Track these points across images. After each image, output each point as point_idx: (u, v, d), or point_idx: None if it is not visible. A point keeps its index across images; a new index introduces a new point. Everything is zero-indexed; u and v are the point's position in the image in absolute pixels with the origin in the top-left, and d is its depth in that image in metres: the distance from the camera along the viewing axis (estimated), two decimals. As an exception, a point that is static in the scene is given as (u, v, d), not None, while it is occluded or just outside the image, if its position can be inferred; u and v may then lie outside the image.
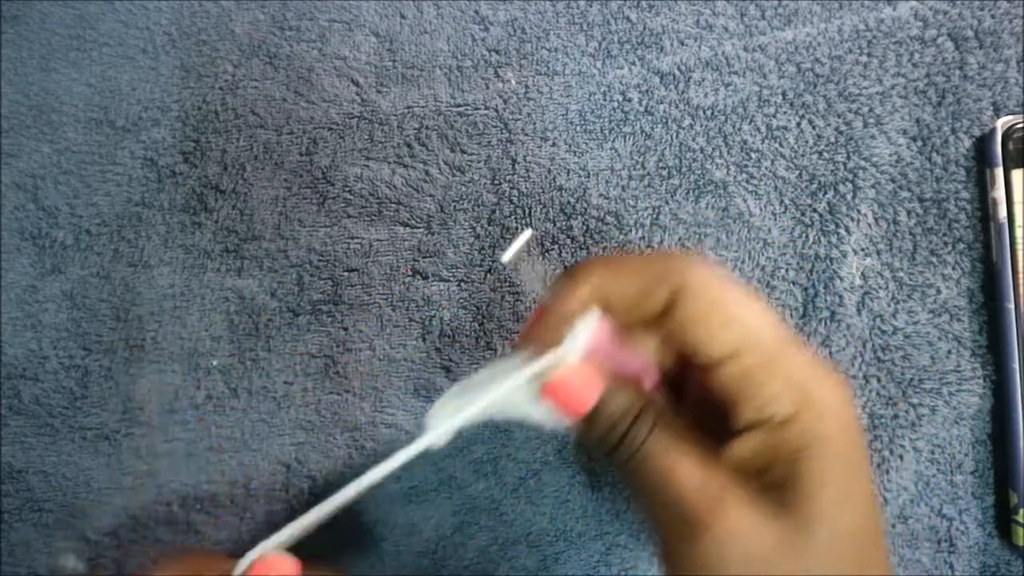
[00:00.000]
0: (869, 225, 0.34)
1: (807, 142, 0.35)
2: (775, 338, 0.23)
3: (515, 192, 0.36)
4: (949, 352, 0.34)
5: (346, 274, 0.37)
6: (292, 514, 0.23)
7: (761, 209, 0.35)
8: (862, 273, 0.34)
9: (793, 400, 0.22)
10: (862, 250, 0.34)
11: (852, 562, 0.22)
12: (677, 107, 0.35)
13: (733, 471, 0.23)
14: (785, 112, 0.35)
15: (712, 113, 0.35)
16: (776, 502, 0.22)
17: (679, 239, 0.35)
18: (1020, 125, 0.32)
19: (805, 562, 0.22)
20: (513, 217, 0.36)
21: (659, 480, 0.23)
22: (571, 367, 0.24)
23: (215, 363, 0.37)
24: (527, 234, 0.20)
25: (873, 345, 0.34)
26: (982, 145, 0.33)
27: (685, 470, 0.23)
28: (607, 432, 0.24)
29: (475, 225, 0.36)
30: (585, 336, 0.24)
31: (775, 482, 0.22)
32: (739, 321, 0.23)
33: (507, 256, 0.20)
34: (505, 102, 0.37)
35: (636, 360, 0.26)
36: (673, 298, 0.24)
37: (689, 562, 0.22)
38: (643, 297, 0.24)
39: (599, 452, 0.25)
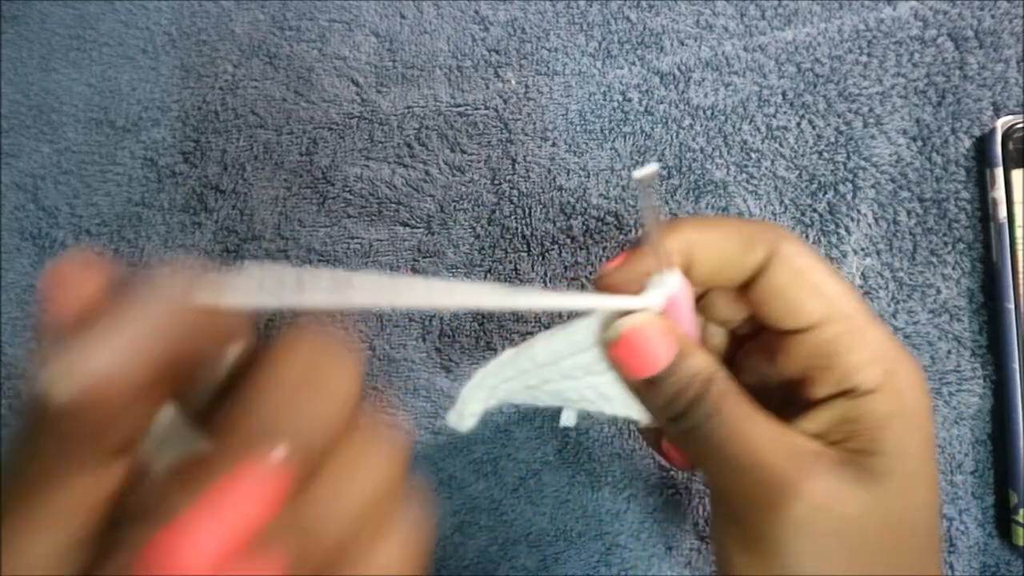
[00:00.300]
0: (869, 225, 0.34)
1: (807, 142, 0.35)
2: (860, 310, 0.23)
3: (515, 192, 0.36)
4: (949, 352, 0.34)
5: (346, 274, 0.37)
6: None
7: (761, 209, 0.35)
8: (862, 273, 0.34)
9: (879, 369, 0.23)
10: (862, 250, 0.34)
11: (925, 533, 0.23)
12: (677, 107, 0.35)
13: (815, 439, 0.23)
14: (785, 112, 0.35)
15: (712, 113, 0.35)
16: (861, 469, 0.22)
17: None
18: (1020, 125, 0.32)
19: (890, 530, 0.22)
20: (513, 217, 0.36)
21: (739, 446, 0.22)
22: (650, 317, 0.23)
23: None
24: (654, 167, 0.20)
25: (873, 345, 0.34)
26: (982, 145, 0.33)
27: (767, 435, 0.22)
28: (675, 396, 0.23)
29: (475, 225, 0.36)
30: (668, 290, 0.23)
31: (857, 451, 0.22)
32: (828, 290, 0.23)
33: (640, 173, 0.20)
34: (505, 102, 0.37)
35: (697, 331, 0.25)
36: (765, 262, 0.24)
37: (775, 531, 0.22)
38: (738, 256, 0.24)
39: (661, 418, 0.24)
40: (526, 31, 0.37)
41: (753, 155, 0.35)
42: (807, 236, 0.35)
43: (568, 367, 0.24)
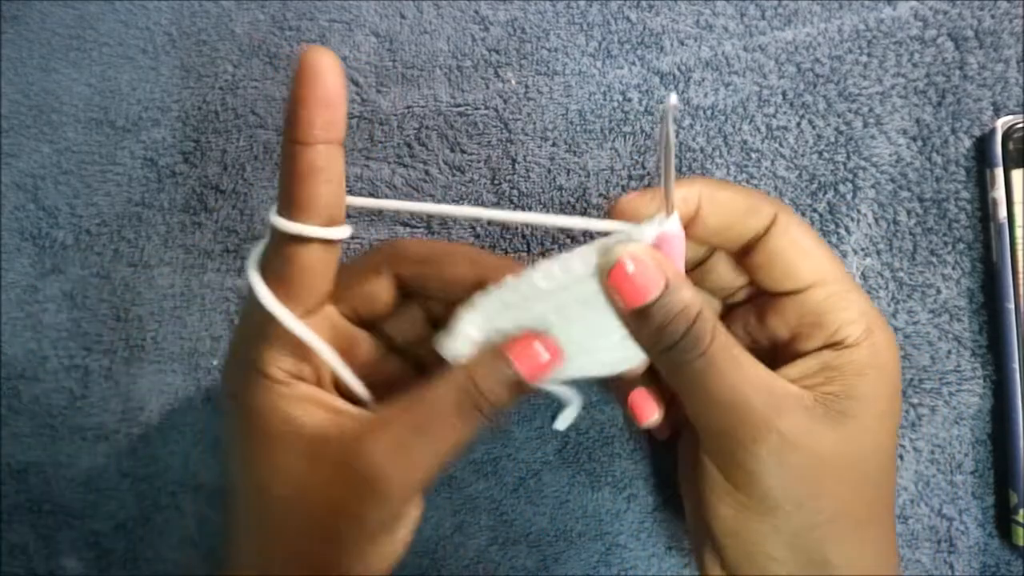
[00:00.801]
0: (869, 225, 0.34)
1: (807, 142, 0.35)
2: (846, 276, 0.27)
3: (515, 192, 0.36)
4: (949, 352, 0.34)
5: (346, 274, 0.37)
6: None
7: (761, 209, 0.35)
8: (862, 273, 0.34)
9: (863, 327, 0.26)
10: (862, 250, 0.34)
11: (884, 471, 0.26)
12: (677, 107, 0.35)
13: (794, 383, 0.26)
14: (785, 112, 0.35)
15: (712, 113, 0.35)
16: (832, 409, 0.25)
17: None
18: (1020, 125, 0.32)
19: (853, 465, 0.25)
20: (513, 217, 0.36)
21: (723, 386, 0.24)
22: (644, 247, 0.24)
23: (215, 363, 0.37)
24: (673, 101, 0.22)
25: (873, 345, 0.34)
26: (982, 145, 0.34)
27: (750, 376, 0.24)
28: (664, 327, 0.24)
29: (475, 225, 0.36)
30: (661, 227, 0.24)
31: (833, 394, 0.25)
32: (820, 257, 0.26)
33: (674, 99, 0.22)
34: (505, 102, 0.37)
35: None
36: (766, 229, 0.26)
37: (751, 462, 0.24)
38: (742, 219, 0.26)
39: (652, 350, 0.25)
40: (526, 31, 0.37)
41: (753, 155, 0.35)
42: (807, 236, 0.35)
43: (565, 300, 0.25)
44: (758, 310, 0.29)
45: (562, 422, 0.33)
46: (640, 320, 0.24)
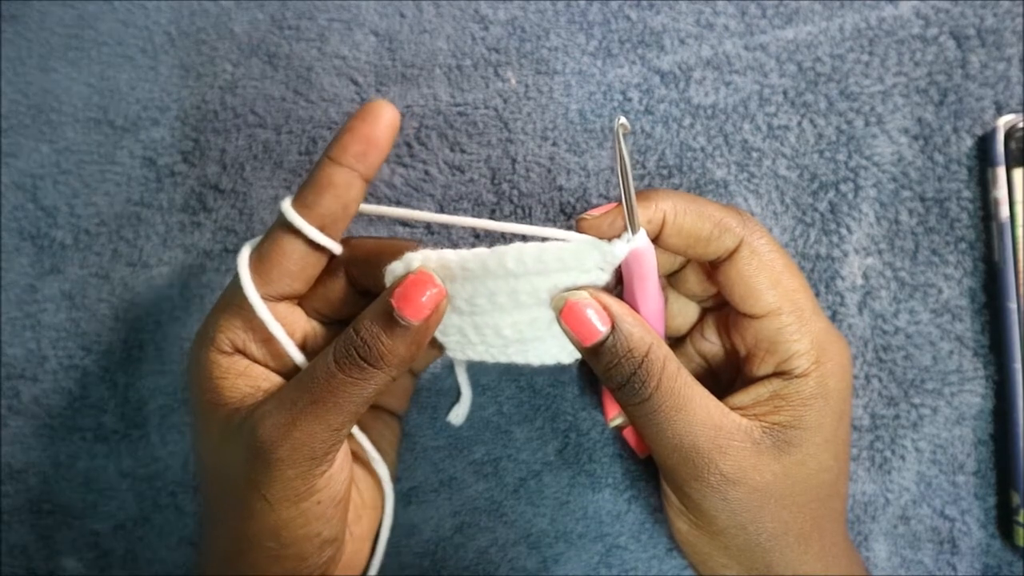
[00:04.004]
0: (870, 224, 0.34)
1: (808, 141, 0.35)
2: (809, 305, 0.27)
3: (515, 192, 0.36)
4: (951, 352, 0.34)
5: (346, 274, 0.37)
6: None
7: (762, 208, 0.35)
8: (863, 273, 0.34)
9: (812, 358, 0.27)
10: (863, 249, 0.34)
11: (829, 486, 0.28)
12: (677, 106, 0.35)
13: (742, 411, 0.27)
14: (786, 111, 0.35)
15: (713, 112, 0.35)
16: (779, 440, 0.26)
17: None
18: (1022, 124, 0.32)
19: (799, 487, 0.27)
20: (513, 217, 0.36)
21: (669, 430, 0.25)
22: (591, 291, 0.25)
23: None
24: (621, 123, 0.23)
25: (875, 345, 0.34)
26: (984, 144, 0.33)
27: (700, 413, 0.26)
28: (613, 367, 0.25)
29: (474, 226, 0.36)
30: (631, 245, 0.25)
31: (779, 423, 0.26)
32: (786, 284, 0.27)
33: (622, 119, 0.23)
34: (505, 102, 0.36)
35: (661, 298, 0.28)
36: (734, 249, 0.26)
37: (698, 495, 0.26)
38: (708, 239, 0.26)
39: (608, 386, 0.27)
40: (526, 30, 0.37)
41: (754, 154, 0.35)
42: (808, 235, 0.34)
43: (524, 290, 0.26)
44: (724, 317, 0.30)
45: (456, 416, 0.35)
46: (592, 358, 0.26)
